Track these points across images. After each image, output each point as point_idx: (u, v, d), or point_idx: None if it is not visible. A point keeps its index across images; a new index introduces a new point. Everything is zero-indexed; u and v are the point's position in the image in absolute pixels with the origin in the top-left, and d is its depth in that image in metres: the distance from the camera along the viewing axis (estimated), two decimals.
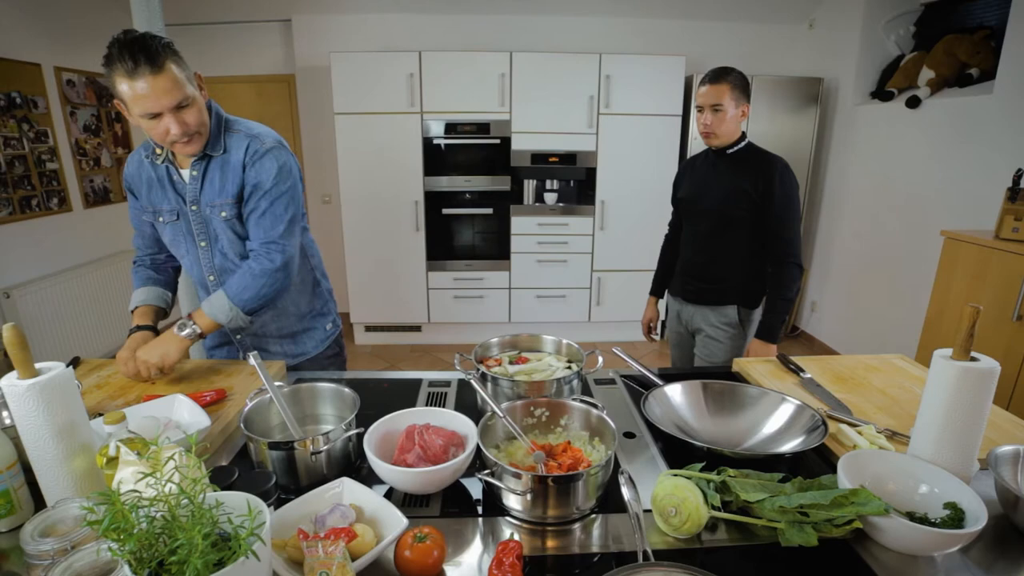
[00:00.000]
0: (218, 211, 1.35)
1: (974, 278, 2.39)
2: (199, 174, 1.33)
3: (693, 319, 1.99)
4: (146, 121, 1.18)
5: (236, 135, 1.34)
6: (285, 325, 1.52)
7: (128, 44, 1.11)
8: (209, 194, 1.34)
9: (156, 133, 1.21)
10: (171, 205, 1.38)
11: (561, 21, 4.03)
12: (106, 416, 0.82)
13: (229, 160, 1.33)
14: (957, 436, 0.91)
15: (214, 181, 1.34)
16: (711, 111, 1.75)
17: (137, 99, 1.14)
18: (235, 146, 1.33)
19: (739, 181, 1.79)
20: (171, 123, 1.18)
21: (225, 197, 1.34)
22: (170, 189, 1.36)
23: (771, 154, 1.80)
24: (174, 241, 1.42)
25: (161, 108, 1.16)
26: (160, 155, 1.34)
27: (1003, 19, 2.73)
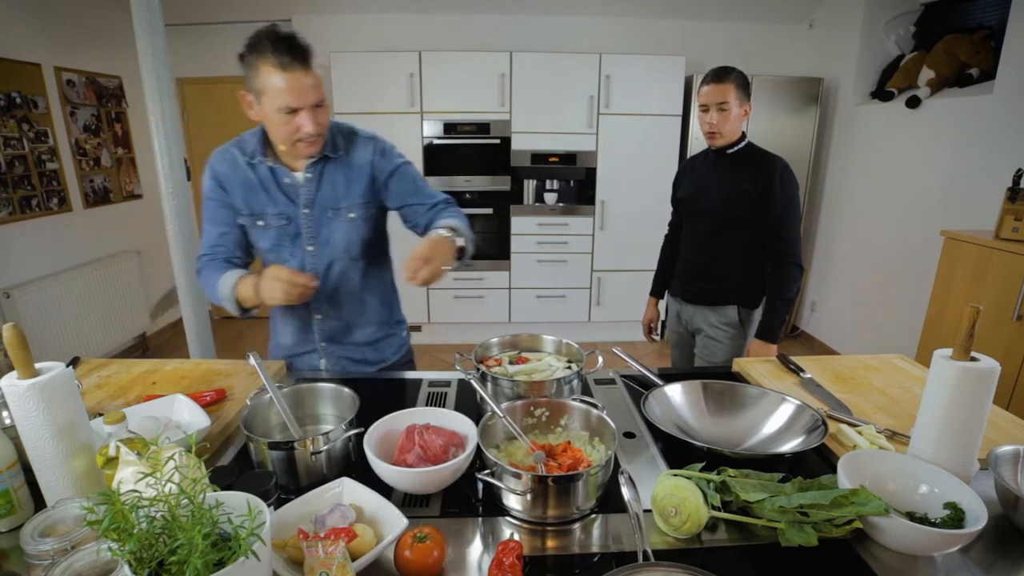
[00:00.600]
0: (344, 213, 1.34)
1: (974, 278, 2.39)
2: (315, 176, 1.32)
3: (693, 319, 1.99)
4: (280, 116, 1.18)
5: (354, 137, 1.36)
6: (370, 333, 1.50)
7: (284, 39, 1.14)
8: (329, 197, 1.33)
9: (286, 129, 1.20)
10: (278, 208, 1.33)
11: (561, 21, 4.03)
12: (106, 416, 0.82)
13: (352, 162, 1.34)
14: (957, 436, 0.91)
15: (335, 184, 1.33)
16: (717, 110, 1.75)
17: (282, 92, 1.15)
18: (358, 148, 1.35)
19: (739, 181, 1.79)
20: (307, 120, 1.19)
21: (352, 199, 1.34)
22: (277, 192, 1.32)
23: (771, 154, 1.80)
24: (276, 246, 1.36)
25: (304, 104, 1.17)
26: (268, 157, 1.31)
27: (1003, 19, 2.73)
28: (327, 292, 1.41)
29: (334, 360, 1.49)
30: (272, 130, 1.24)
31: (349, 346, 1.48)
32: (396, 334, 1.56)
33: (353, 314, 1.45)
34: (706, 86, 1.77)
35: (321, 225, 1.35)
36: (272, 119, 1.20)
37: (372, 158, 1.35)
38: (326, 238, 1.36)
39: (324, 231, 1.35)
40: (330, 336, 1.47)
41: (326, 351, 1.48)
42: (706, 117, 1.78)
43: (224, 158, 1.34)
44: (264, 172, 1.32)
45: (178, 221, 2.32)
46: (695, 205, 1.94)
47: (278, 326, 1.52)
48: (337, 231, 1.36)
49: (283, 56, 1.14)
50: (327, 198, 1.34)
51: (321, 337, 1.47)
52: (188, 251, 2.37)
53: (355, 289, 1.43)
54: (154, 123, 2.20)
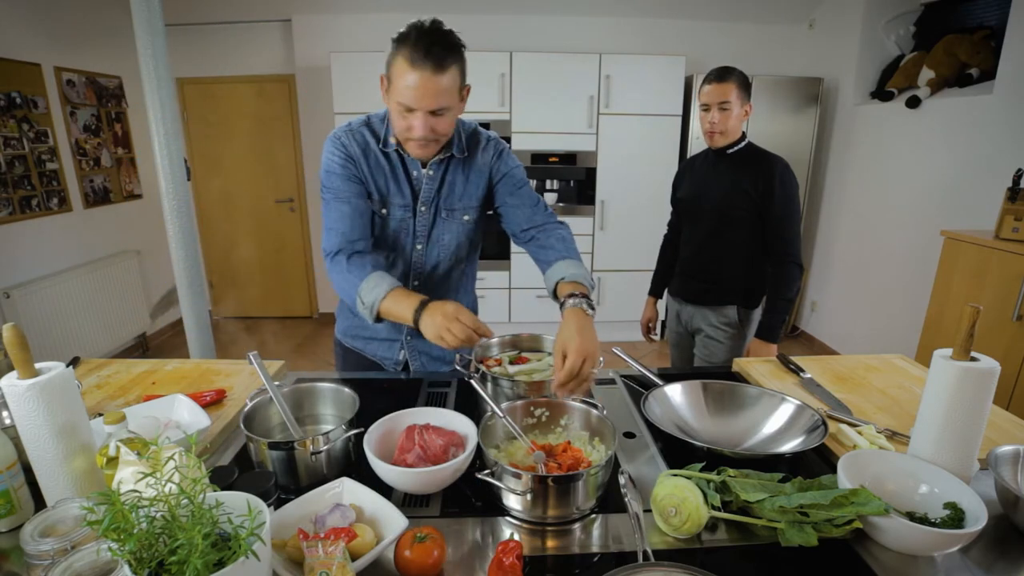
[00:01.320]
0: (460, 214, 1.32)
1: (974, 278, 2.39)
2: (437, 174, 1.28)
3: (693, 319, 1.99)
4: (398, 109, 1.13)
5: (476, 137, 1.31)
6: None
7: (428, 33, 1.07)
8: (449, 197, 1.30)
9: (399, 124, 1.16)
10: (403, 200, 1.29)
11: (561, 21, 4.03)
12: (106, 416, 0.82)
13: (474, 162, 1.30)
14: (957, 436, 0.91)
15: (455, 184, 1.30)
16: (718, 109, 1.75)
17: (404, 88, 1.09)
18: (478, 148, 1.30)
19: (739, 181, 1.79)
20: (419, 123, 1.13)
21: (469, 200, 1.32)
22: (405, 183, 1.28)
23: (771, 154, 1.80)
24: (390, 237, 1.32)
25: (419, 106, 1.11)
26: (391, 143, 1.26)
27: (1003, 19, 2.73)
28: (424, 290, 1.36)
29: (415, 355, 1.47)
30: (392, 120, 1.20)
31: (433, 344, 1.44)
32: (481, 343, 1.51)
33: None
34: (707, 85, 1.77)
35: (434, 225, 1.33)
36: (392, 110, 1.17)
37: (491, 160, 1.32)
38: (437, 237, 1.33)
39: (436, 231, 1.33)
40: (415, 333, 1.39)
41: (409, 344, 1.45)
42: (707, 116, 1.79)
43: (355, 138, 1.27)
44: (395, 159, 1.27)
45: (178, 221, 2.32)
46: (695, 205, 1.94)
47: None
48: (448, 232, 1.34)
49: (418, 52, 1.06)
50: (445, 198, 1.31)
51: (409, 331, 1.42)
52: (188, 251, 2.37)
53: (451, 289, 1.42)
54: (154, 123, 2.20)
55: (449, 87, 1.11)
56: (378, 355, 1.49)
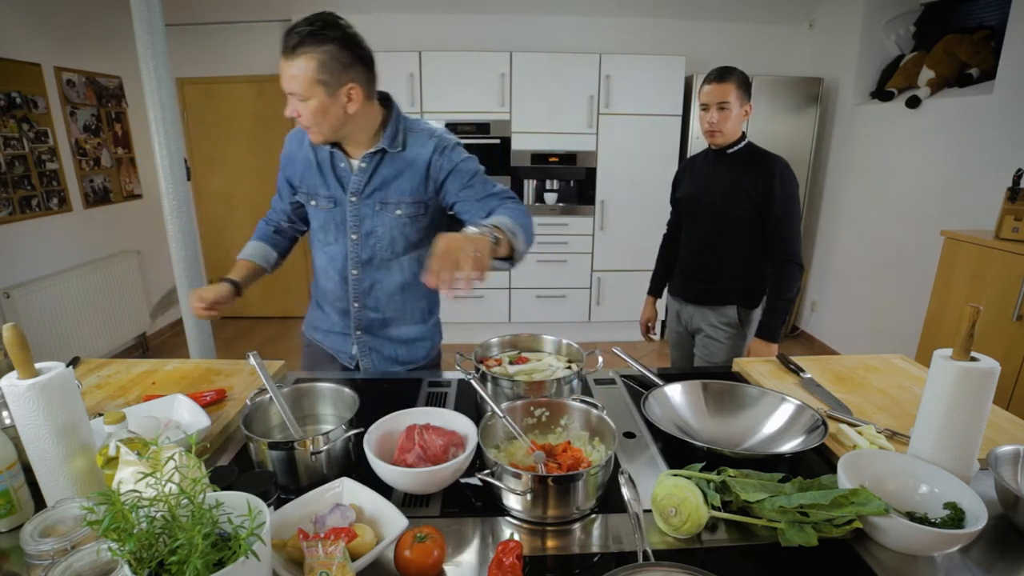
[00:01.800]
0: (393, 208, 1.34)
1: (974, 278, 2.39)
2: (369, 167, 1.32)
3: (693, 319, 1.99)
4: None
5: (417, 133, 1.34)
6: (406, 332, 1.49)
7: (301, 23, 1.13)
8: (380, 190, 1.33)
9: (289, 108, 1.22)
10: (329, 192, 1.36)
11: (561, 21, 4.03)
12: (106, 416, 0.82)
13: (409, 158, 1.32)
14: (957, 436, 0.91)
15: (387, 178, 1.33)
16: (717, 109, 1.75)
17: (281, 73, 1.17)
18: (417, 144, 1.33)
19: (739, 181, 1.79)
20: (289, 105, 1.21)
21: (401, 195, 1.33)
22: (331, 175, 1.35)
23: (771, 154, 1.80)
24: (323, 228, 1.40)
25: (286, 89, 1.18)
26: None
27: (1003, 19, 2.73)
28: (366, 285, 1.41)
29: (366, 351, 1.49)
30: None
31: (383, 340, 1.48)
32: (430, 338, 1.54)
33: (390, 311, 1.44)
34: (707, 85, 1.77)
35: (365, 216, 1.35)
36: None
37: (431, 156, 1.32)
38: (369, 230, 1.36)
39: (368, 222, 1.36)
40: (366, 327, 1.46)
41: (359, 340, 1.48)
42: (706, 116, 1.79)
43: (294, 138, 1.42)
44: (324, 154, 1.35)
45: (178, 221, 2.32)
46: (695, 204, 1.94)
47: (322, 304, 1.52)
48: (381, 225, 1.36)
49: (286, 42, 1.14)
50: (376, 190, 1.33)
51: (356, 326, 1.46)
52: (188, 251, 2.37)
53: (395, 287, 1.42)
54: (154, 123, 2.20)
55: (298, 75, 1.14)
56: (335, 348, 1.52)
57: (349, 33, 1.19)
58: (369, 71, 1.25)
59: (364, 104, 1.25)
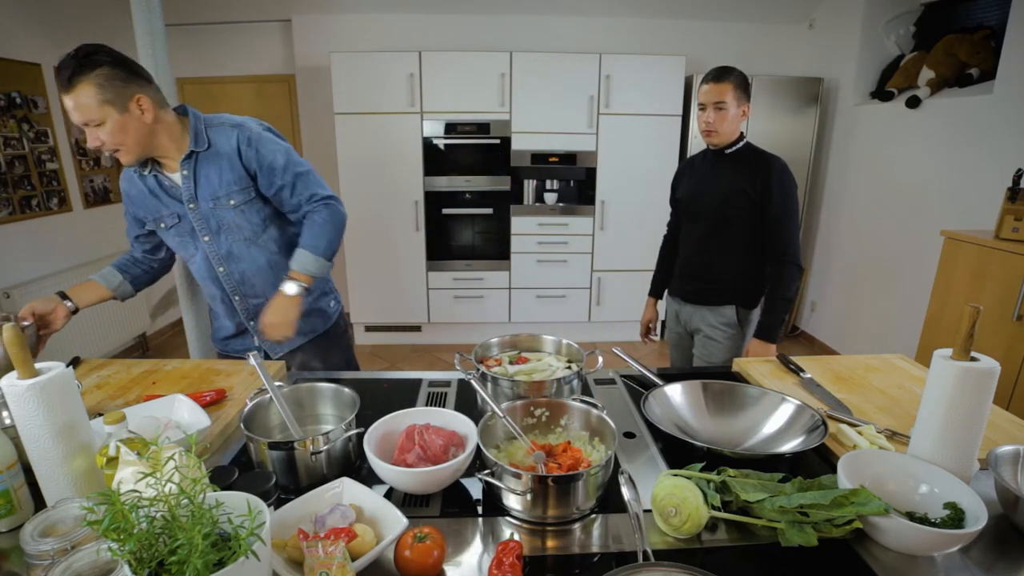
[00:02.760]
0: (225, 201, 1.41)
1: (974, 278, 2.39)
2: (190, 172, 1.39)
3: (692, 319, 1.99)
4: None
5: (218, 128, 1.41)
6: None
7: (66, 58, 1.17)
8: (207, 189, 1.40)
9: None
10: (169, 209, 1.43)
11: (561, 21, 4.03)
12: (106, 416, 0.82)
13: (219, 152, 1.39)
14: (957, 436, 0.91)
15: (209, 176, 1.39)
16: (714, 109, 1.76)
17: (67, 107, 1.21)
18: (221, 137, 1.39)
19: (738, 181, 1.79)
20: (89, 137, 1.25)
21: (227, 187, 1.40)
22: (164, 195, 1.42)
23: (769, 154, 1.80)
24: (181, 244, 1.48)
25: (78, 121, 1.22)
26: (147, 167, 1.40)
27: (1003, 19, 2.73)
28: (237, 276, 1.50)
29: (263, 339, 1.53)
30: None
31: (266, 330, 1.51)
32: (323, 306, 1.64)
33: (269, 291, 1.49)
34: (705, 85, 1.77)
35: (208, 217, 1.43)
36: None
37: (237, 146, 1.39)
38: (216, 227, 1.44)
39: (212, 221, 1.43)
40: (255, 315, 1.53)
41: (256, 329, 1.54)
42: (703, 116, 1.79)
43: (124, 177, 1.47)
44: (151, 181, 1.42)
45: None
46: (694, 205, 1.94)
47: (215, 314, 1.62)
48: (223, 219, 1.43)
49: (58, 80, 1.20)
50: (207, 190, 1.40)
51: (247, 316, 1.55)
52: None
53: (264, 268, 1.50)
54: None
55: (84, 102, 1.20)
56: (242, 350, 1.61)
57: (116, 55, 1.24)
58: (149, 83, 1.30)
59: (159, 112, 1.31)
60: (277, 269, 1.50)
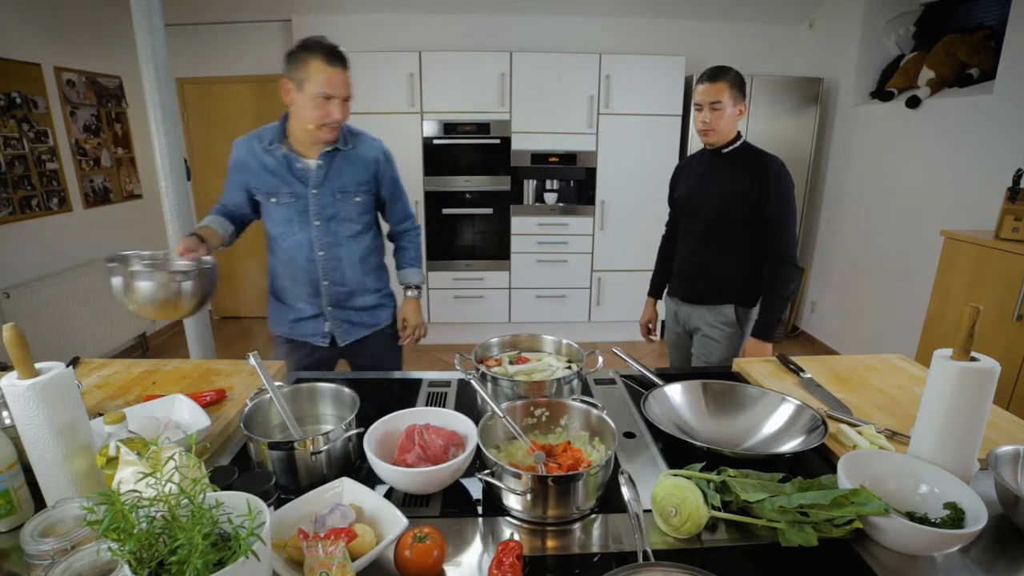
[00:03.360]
0: (352, 196, 1.61)
1: (974, 278, 2.39)
2: (326, 164, 1.57)
3: (691, 319, 1.99)
4: (316, 100, 1.43)
5: (360, 136, 1.64)
6: (368, 300, 1.73)
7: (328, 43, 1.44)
8: (337, 181, 1.58)
9: (318, 112, 1.45)
10: (289, 188, 1.57)
11: (561, 21, 4.03)
12: (106, 416, 0.82)
13: (360, 155, 1.61)
14: (957, 436, 0.91)
15: (343, 171, 1.59)
16: (710, 108, 1.76)
17: (325, 81, 1.42)
18: (365, 145, 1.63)
19: (736, 181, 1.79)
20: (337, 109, 1.46)
21: (356, 185, 1.61)
22: (288, 174, 1.56)
23: (767, 153, 1.80)
24: (286, 220, 1.60)
25: (338, 94, 1.45)
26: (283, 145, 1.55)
27: (1003, 19, 2.73)
28: (333, 263, 1.64)
29: (337, 323, 1.69)
30: (305, 114, 1.47)
31: (350, 311, 1.70)
32: (387, 305, 1.81)
33: (354, 283, 1.68)
34: (700, 85, 1.78)
35: (327, 205, 1.59)
36: (308, 104, 1.44)
37: (379, 157, 1.64)
38: (331, 215, 1.60)
39: (330, 210, 1.59)
40: (335, 301, 1.67)
41: (332, 315, 1.68)
42: (700, 115, 1.79)
43: (241, 146, 1.60)
44: (279, 157, 1.55)
45: (178, 221, 2.32)
46: (691, 205, 1.94)
47: (287, 295, 1.70)
48: (342, 210, 1.60)
49: (331, 55, 1.43)
50: (335, 182, 1.58)
51: (328, 302, 1.67)
52: None
53: (356, 262, 1.66)
54: (154, 123, 2.20)
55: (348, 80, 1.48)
56: (306, 333, 1.71)
57: None
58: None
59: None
60: (364, 265, 1.68)
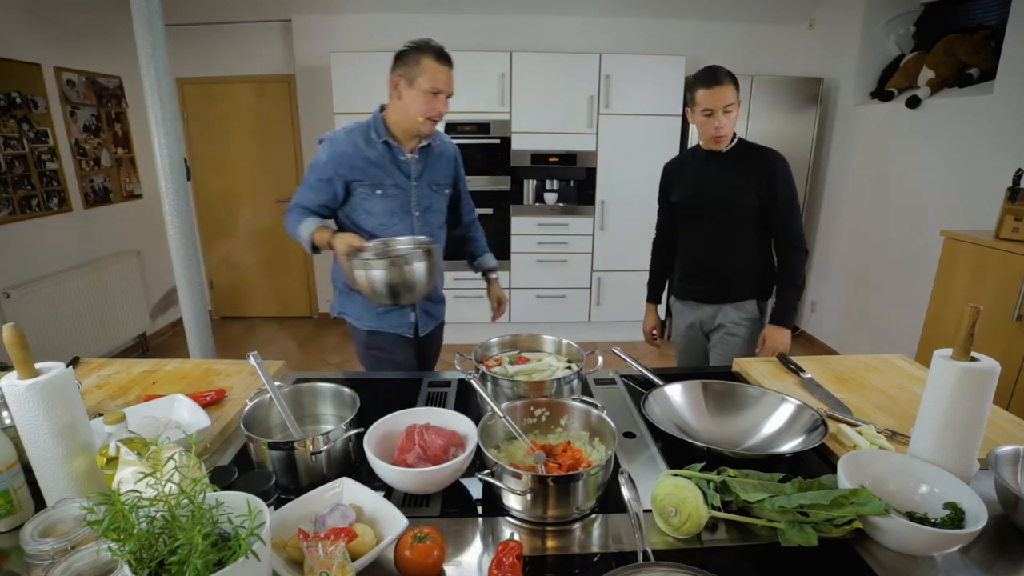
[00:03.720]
0: (443, 188, 1.75)
1: (974, 278, 2.39)
2: (421, 158, 1.67)
3: (711, 319, 1.96)
4: (426, 95, 1.54)
5: (440, 135, 1.75)
6: (439, 293, 1.86)
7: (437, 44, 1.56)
8: (430, 175, 1.70)
9: (427, 106, 1.55)
10: (393, 180, 1.64)
11: (561, 21, 4.03)
12: (106, 416, 0.82)
13: (443, 151, 1.75)
14: (957, 436, 0.91)
15: (433, 166, 1.71)
16: (723, 113, 1.71)
17: (438, 79, 1.53)
18: (444, 143, 1.77)
19: (743, 177, 1.78)
20: (443, 103, 1.57)
21: (445, 178, 1.75)
22: (391, 166, 1.63)
23: (766, 148, 1.80)
24: (388, 212, 1.66)
25: (445, 90, 1.56)
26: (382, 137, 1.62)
27: (1003, 19, 2.73)
28: None
29: (422, 315, 1.79)
30: (414, 106, 1.56)
31: (429, 302, 1.80)
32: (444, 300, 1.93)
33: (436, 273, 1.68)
34: (707, 89, 1.72)
35: (424, 197, 1.69)
36: (419, 97, 1.54)
37: (456, 154, 1.81)
38: (427, 207, 1.71)
39: (426, 201, 1.70)
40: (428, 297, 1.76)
41: (421, 305, 1.77)
42: (712, 122, 1.73)
43: (344, 141, 1.63)
44: (383, 151, 1.62)
45: (178, 221, 2.32)
46: (696, 206, 1.93)
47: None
48: (436, 202, 1.73)
49: (441, 55, 1.55)
50: (429, 175, 1.69)
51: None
52: (188, 251, 2.37)
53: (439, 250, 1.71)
54: (154, 123, 2.20)
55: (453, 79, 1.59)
56: (392, 325, 1.75)
57: None
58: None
59: None
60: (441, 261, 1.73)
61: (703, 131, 1.79)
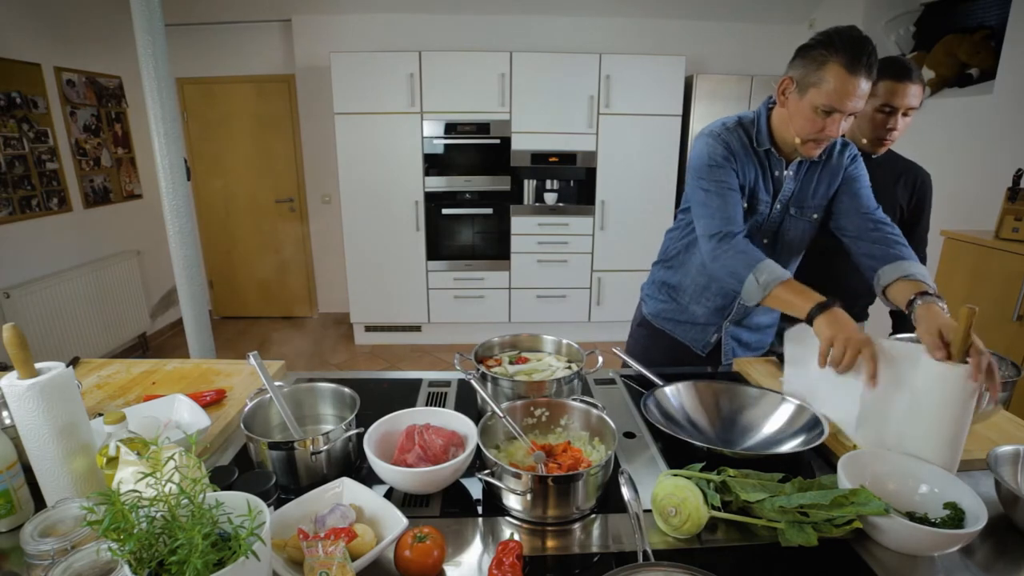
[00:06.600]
0: (810, 213, 1.36)
1: (974, 278, 2.39)
2: (796, 175, 1.33)
3: None
4: (814, 112, 1.16)
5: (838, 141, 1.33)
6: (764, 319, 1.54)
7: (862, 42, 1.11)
8: (799, 196, 1.34)
9: (811, 126, 1.18)
10: (766, 197, 1.34)
11: (561, 21, 4.03)
12: (106, 416, 0.82)
13: (830, 166, 1.33)
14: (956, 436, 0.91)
15: (808, 185, 1.34)
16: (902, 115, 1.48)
17: (835, 93, 1.12)
18: (838, 152, 1.34)
19: (890, 190, 1.60)
20: (836, 126, 1.15)
21: (819, 200, 1.34)
22: (769, 181, 1.33)
23: (917, 164, 1.67)
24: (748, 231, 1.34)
25: (845, 109, 1.13)
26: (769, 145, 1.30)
27: (1003, 19, 2.73)
28: None
29: (728, 339, 1.54)
30: (795, 121, 1.21)
31: (743, 329, 1.54)
32: (777, 324, 1.57)
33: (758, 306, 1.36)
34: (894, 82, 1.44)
35: (782, 222, 1.37)
36: (804, 112, 1.18)
37: (846, 163, 1.33)
38: (781, 234, 1.38)
39: (782, 227, 1.37)
40: (739, 319, 1.51)
41: (728, 331, 1.52)
42: (887, 121, 1.48)
43: (735, 136, 1.32)
44: (763, 157, 1.32)
45: (178, 221, 2.32)
46: None
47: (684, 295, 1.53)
48: (794, 229, 1.37)
49: (855, 61, 1.11)
50: (796, 197, 1.35)
51: (732, 319, 1.50)
52: (188, 251, 2.37)
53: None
54: (154, 123, 2.20)
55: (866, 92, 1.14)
56: (688, 337, 1.57)
57: None
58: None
59: None
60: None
61: (870, 128, 1.52)
